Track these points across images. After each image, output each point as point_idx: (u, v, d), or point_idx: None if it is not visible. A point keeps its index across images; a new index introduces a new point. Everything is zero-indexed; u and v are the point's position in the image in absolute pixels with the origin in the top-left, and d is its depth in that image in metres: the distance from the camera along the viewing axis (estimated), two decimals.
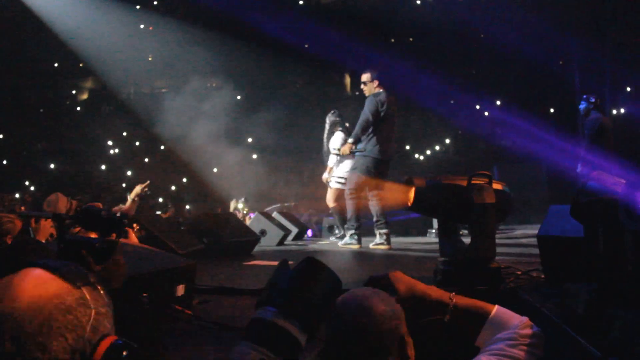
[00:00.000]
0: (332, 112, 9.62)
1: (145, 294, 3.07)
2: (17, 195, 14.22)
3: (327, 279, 1.33)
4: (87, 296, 1.13)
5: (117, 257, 1.88)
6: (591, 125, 8.99)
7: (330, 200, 9.27)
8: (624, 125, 10.97)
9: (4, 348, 1.02)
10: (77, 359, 1.07)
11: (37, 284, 1.09)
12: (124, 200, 7.97)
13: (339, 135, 9.35)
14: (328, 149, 9.36)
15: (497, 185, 4.22)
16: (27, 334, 1.04)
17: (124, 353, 1.11)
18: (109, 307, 1.17)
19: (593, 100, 9.04)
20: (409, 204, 4.28)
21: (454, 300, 1.82)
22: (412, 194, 4.25)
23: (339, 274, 1.42)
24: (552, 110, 13.21)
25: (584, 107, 9.18)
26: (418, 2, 14.67)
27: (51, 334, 1.05)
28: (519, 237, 7.94)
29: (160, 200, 12.73)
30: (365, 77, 7.91)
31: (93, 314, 1.11)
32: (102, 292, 1.17)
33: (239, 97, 15.00)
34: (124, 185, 13.92)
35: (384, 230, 7.51)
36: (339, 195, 9.25)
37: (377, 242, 7.51)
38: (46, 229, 4.43)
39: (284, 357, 1.19)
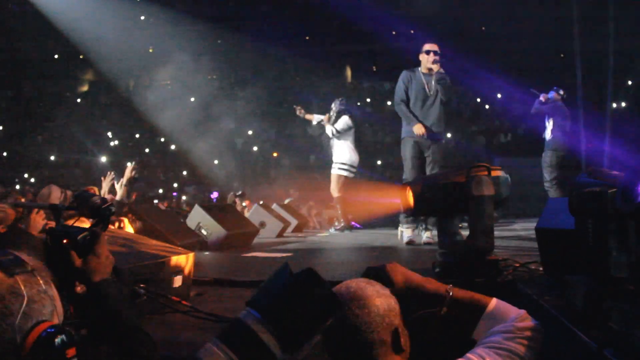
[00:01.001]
0: (340, 99, 9.58)
1: (142, 285, 3.06)
2: (17, 187, 14.22)
3: (324, 297, 1.20)
4: (20, 284, 1.13)
5: (98, 249, 1.79)
6: (562, 110, 9.49)
7: (334, 189, 9.16)
8: (624, 119, 10.96)
9: None
10: (7, 347, 1.06)
11: None
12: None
13: (344, 119, 9.29)
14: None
15: (496, 172, 4.21)
16: None
17: (57, 339, 1.10)
18: (45, 294, 1.17)
19: (562, 92, 9.57)
20: (410, 208, 4.27)
21: (451, 293, 1.80)
22: (410, 198, 4.23)
23: (336, 266, 1.37)
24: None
25: (553, 96, 9.59)
26: None
27: None
28: (518, 230, 7.92)
29: (161, 191, 12.70)
30: (437, 47, 7.28)
31: (25, 301, 1.12)
32: (40, 280, 1.17)
33: (241, 95, 14.96)
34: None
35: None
36: (343, 185, 9.16)
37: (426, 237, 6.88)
38: (36, 222, 4.31)
39: None
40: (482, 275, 3.94)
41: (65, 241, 1.71)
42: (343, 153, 9.26)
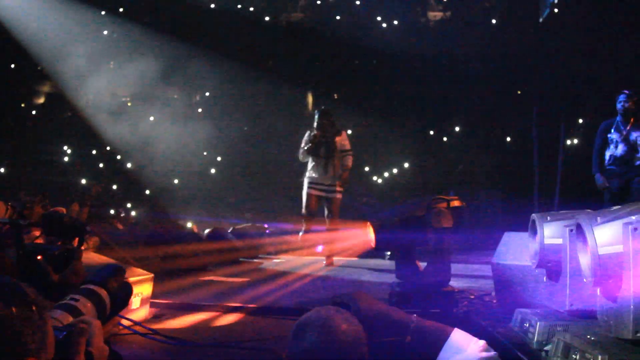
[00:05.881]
0: (321, 108, 8.27)
1: None
2: None
3: None
4: (15, 315, 1.08)
5: (76, 265, 1.84)
6: None
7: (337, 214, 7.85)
8: (577, 154, 11.37)
9: None
10: None
11: None
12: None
13: (346, 135, 8.02)
14: (321, 148, 7.75)
15: (455, 203, 4.36)
16: None
17: None
18: (36, 326, 1.12)
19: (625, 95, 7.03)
20: (372, 246, 4.39)
21: (416, 322, 1.87)
22: (371, 234, 4.34)
23: (301, 294, 1.42)
24: (508, 138, 13.57)
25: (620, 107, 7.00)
26: (384, 25, 14.91)
27: None
28: (472, 263, 8.08)
29: (112, 212, 12.47)
30: None
31: (13, 334, 1.07)
32: (35, 312, 1.12)
33: (200, 110, 14.94)
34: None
35: None
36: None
37: None
38: None
39: None
40: (438, 306, 4.05)
41: (39, 257, 1.74)
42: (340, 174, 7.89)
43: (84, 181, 13.97)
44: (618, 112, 6.88)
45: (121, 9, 14.69)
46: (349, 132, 8.65)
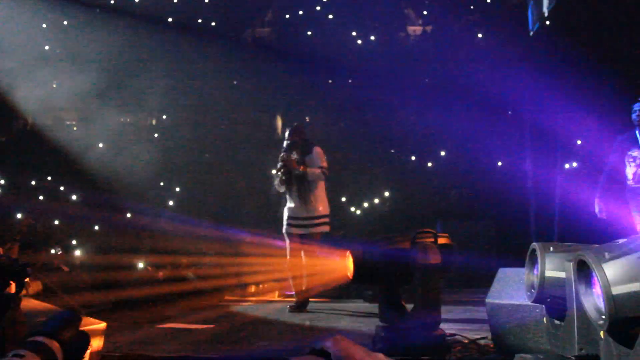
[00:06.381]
0: (295, 125, 7.81)
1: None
2: None
3: None
4: None
5: (15, 313, 1.77)
6: None
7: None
8: (576, 178, 11.46)
9: None
10: None
11: None
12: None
13: (322, 153, 7.46)
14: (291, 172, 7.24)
15: (442, 240, 4.37)
16: None
17: None
18: None
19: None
20: (349, 276, 4.37)
21: None
22: (350, 264, 4.34)
23: (275, 343, 1.41)
24: (500, 163, 13.68)
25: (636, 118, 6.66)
26: (359, 41, 15.08)
27: None
28: (465, 302, 8.08)
29: (53, 251, 12.20)
30: None
31: None
32: None
33: (156, 135, 14.86)
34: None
35: None
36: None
37: None
38: None
39: None
40: (429, 352, 4.03)
41: None
42: (325, 202, 7.48)
43: (19, 216, 13.73)
44: (634, 123, 6.55)
45: (65, 22, 14.59)
46: None
